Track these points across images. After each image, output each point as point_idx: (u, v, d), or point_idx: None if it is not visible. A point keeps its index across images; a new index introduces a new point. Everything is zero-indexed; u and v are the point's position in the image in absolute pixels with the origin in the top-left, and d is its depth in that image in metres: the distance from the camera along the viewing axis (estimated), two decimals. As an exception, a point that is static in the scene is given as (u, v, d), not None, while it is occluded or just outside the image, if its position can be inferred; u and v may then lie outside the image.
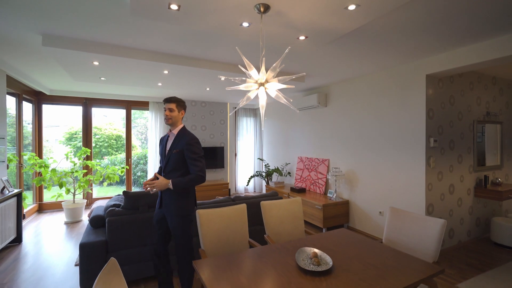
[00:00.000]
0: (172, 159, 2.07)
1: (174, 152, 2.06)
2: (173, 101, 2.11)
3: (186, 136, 2.10)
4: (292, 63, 3.41)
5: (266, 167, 6.30)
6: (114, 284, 1.10)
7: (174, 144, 2.09)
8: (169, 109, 2.10)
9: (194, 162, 2.04)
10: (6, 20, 2.25)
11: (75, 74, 3.59)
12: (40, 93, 5.15)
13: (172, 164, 2.07)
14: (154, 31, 2.43)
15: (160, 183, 1.97)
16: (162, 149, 2.19)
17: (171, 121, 2.12)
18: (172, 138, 2.15)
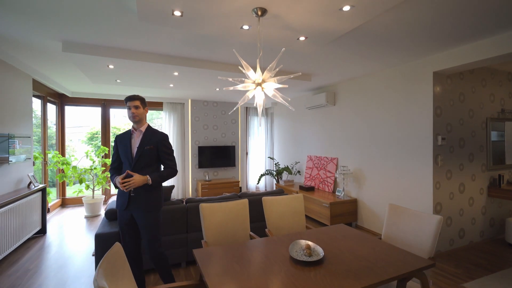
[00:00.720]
0: (144, 155, 2.05)
1: (147, 148, 2.05)
2: (137, 98, 2.10)
3: (157, 132, 2.15)
4: (298, 63, 3.47)
5: (276, 165, 6.38)
6: (118, 265, 1.23)
7: (145, 141, 2.08)
8: (135, 107, 2.08)
9: (169, 157, 2.12)
10: (30, 29, 2.48)
11: (93, 77, 3.84)
12: (63, 95, 5.51)
13: (145, 160, 2.05)
14: (162, 35, 2.58)
15: (138, 180, 1.94)
16: (125, 147, 2.11)
17: (138, 118, 2.09)
18: (139, 135, 2.12)
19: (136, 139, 2.11)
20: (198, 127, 6.48)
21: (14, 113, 3.60)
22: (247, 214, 2.34)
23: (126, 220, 2.10)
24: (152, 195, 2.08)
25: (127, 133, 2.17)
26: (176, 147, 6.24)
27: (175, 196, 6.26)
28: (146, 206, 2.04)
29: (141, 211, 2.04)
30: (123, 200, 2.06)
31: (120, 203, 2.09)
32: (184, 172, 6.36)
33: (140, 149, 2.06)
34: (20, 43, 2.80)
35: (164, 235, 2.84)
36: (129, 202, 2.04)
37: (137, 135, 2.12)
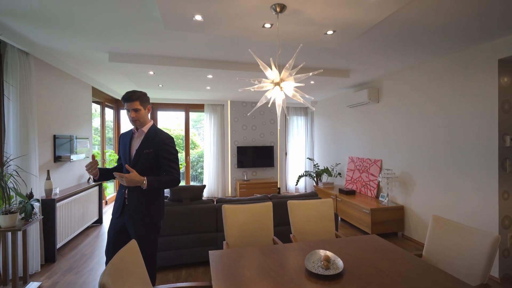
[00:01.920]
0: (141, 160, 1.76)
1: (145, 152, 1.76)
2: (135, 98, 1.74)
3: (160, 134, 1.84)
4: (334, 59, 3.26)
5: (315, 167, 6.14)
6: (129, 260, 1.30)
7: (144, 143, 1.79)
8: (134, 110, 1.75)
9: (171, 164, 1.80)
10: (84, 45, 2.81)
11: (138, 82, 4.20)
12: (118, 101, 6.17)
13: (141, 166, 1.75)
14: (192, 40, 2.67)
15: (132, 178, 1.62)
16: (124, 148, 1.85)
17: (139, 123, 1.80)
18: (140, 136, 1.83)
19: (137, 140, 1.83)
20: (237, 127, 6.61)
21: (77, 117, 4.14)
22: (271, 218, 2.27)
23: (116, 228, 1.81)
24: (150, 207, 1.78)
25: (129, 133, 1.90)
26: (216, 147, 6.46)
27: (214, 194, 6.49)
28: (140, 218, 1.75)
29: (133, 221, 1.75)
30: (117, 206, 1.82)
31: (114, 209, 1.84)
32: (224, 172, 6.55)
33: (138, 152, 1.77)
34: (78, 56, 3.21)
35: (194, 233, 2.94)
36: (123, 208, 1.78)
37: (138, 135, 1.85)
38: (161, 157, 1.79)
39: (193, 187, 3.10)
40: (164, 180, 1.76)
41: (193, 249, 2.92)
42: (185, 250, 2.90)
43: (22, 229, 2.32)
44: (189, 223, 2.92)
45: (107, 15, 2.12)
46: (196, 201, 3.06)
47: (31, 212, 2.40)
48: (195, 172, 9.40)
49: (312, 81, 4.21)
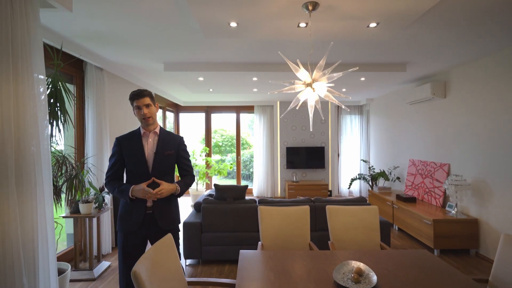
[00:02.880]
0: (164, 162, 1.74)
1: (167, 154, 1.75)
2: (146, 94, 1.71)
3: (174, 135, 1.87)
4: (384, 52, 2.97)
5: (370, 169, 5.67)
6: (164, 253, 1.44)
7: (163, 145, 1.76)
8: (146, 106, 1.70)
9: (188, 163, 1.87)
10: (144, 57, 3.21)
11: (191, 88, 4.56)
12: (178, 105, 6.79)
13: (165, 168, 1.75)
14: (234, 45, 2.78)
15: (168, 189, 1.65)
16: (135, 151, 1.73)
17: (152, 120, 1.74)
18: (154, 137, 1.78)
19: (150, 142, 1.76)
20: (287, 128, 6.57)
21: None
22: (307, 222, 2.21)
23: (137, 243, 1.72)
24: (176, 212, 1.82)
25: (134, 135, 1.78)
26: (266, 147, 6.55)
27: (264, 194, 6.59)
28: (171, 224, 1.76)
29: (161, 231, 1.70)
30: (135, 218, 1.68)
31: (129, 223, 1.69)
32: (273, 172, 6.59)
33: (159, 154, 1.73)
34: (140, 68, 3.66)
35: (237, 231, 3.05)
36: (144, 220, 1.70)
37: (151, 137, 1.77)
38: (180, 157, 1.83)
39: (237, 187, 3.21)
40: (188, 182, 1.82)
41: (237, 246, 3.03)
42: (229, 247, 3.03)
43: (96, 216, 2.78)
44: (232, 221, 3.05)
45: (158, 31, 2.37)
46: (239, 200, 3.16)
47: (102, 202, 2.85)
48: (247, 172, 9.72)
49: (363, 78, 3.91)
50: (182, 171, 1.87)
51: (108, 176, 1.75)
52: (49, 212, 1.70)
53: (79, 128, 3.17)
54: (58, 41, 2.49)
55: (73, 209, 2.75)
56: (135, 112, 1.73)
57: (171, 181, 1.77)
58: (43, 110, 1.70)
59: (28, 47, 1.60)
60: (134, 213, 1.69)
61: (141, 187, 1.62)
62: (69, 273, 2.24)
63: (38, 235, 1.59)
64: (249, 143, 10.18)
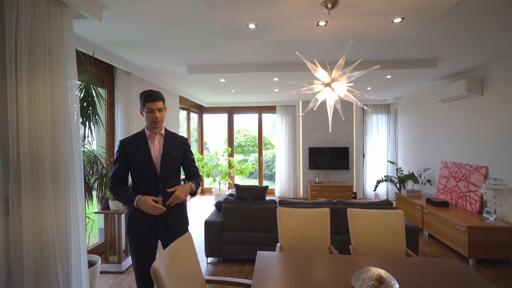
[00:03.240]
0: (172, 163, 1.74)
1: (174, 155, 1.74)
2: (160, 98, 1.70)
3: (179, 136, 1.85)
4: (411, 48, 2.81)
5: (398, 171, 5.40)
6: (183, 251, 1.48)
7: (169, 146, 1.74)
8: (158, 110, 1.68)
9: (194, 164, 1.86)
10: (168, 62, 3.33)
11: (214, 89, 4.66)
12: (201, 106, 6.97)
13: (173, 169, 1.75)
14: (253, 47, 2.79)
15: (183, 191, 1.65)
16: (141, 154, 1.68)
17: (160, 124, 1.72)
18: (159, 139, 1.75)
19: (156, 143, 1.73)
20: (309, 128, 6.47)
21: (167, 121, 4.91)
22: (327, 225, 2.16)
23: (151, 247, 1.73)
24: (185, 210, 1.81)
25: (139, 137, 1.73)
26: (288, 147, 6.51)
27: (286, 195, 6.54)
28: (183, 226, 1.77)
29: (172, 232, 1.69)
30: (145, 223, 1.65)
31: (140, 226, 1.67)
32: (295, 173, 6.53)
33: (166, 156, 1.71)
34: (165, 71, 3.81)
35: (257, 231, 3.06)
36: (155, 223, 1.67)
37: (156, 138, 1.74)
38: (186, 158, 1.82)
39: (257, 187, 3.23)
40: (198, 180, 1.81)
41: (256, 246, 3.04)
42: (249, 247, 3.06)
43: (124, 212, 2.93)
44: (252, 221, 3.06)
45: (181, 35, 2.46)
46: (259, 201, 3.17)
47: (129, 200, 3.00)
48: (270, 172, 9.71)
49: (388, 76, 3.74)
50: (188, 171, 1.84)
51: (112, 181, 1.69)
52: (81, 209, 1.83)
53: (109, 129, 3.37)
54: (90, 49, 2.67)
55: (103, 206, 2.93)
56: (145, 114, 1.68)
57: (178, 183, 1.77)
58: (76, 113, 1.84)
59: (63, 54, 1.73)
60: (143, 217, 1.64)
61: (148, 202, 1.57)
62: (99, 266, 2.39)
63: (71, 229, 1.72)
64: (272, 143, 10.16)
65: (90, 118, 2.43)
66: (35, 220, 1.53)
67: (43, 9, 1.61)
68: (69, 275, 1.70)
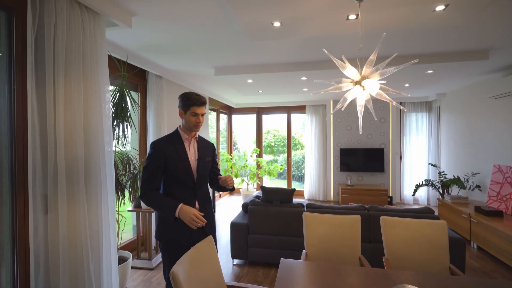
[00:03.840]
0: (205, 168, 1.73)
1: (207, 160, 1.74)
2: (205, 103, 1.68)
3: (208, 141, 1.85)
4: (457, 39, 2.52)
5: (441, 175, 4.93)
6: (204, 254, 1.47)
7: (202, 151, 1.74)
8: (202, 115, 1.67)
9: (217, 166, 1.89)
10: (196, 65, 3.40)
11: (241, 90, 4.66)
12: (230, 107, 7.04)
13: (205, 174, 1.75)
14: (280, 46, 2.72)
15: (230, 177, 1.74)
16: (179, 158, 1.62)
17: (199, 129, 1.71)
18: (193, 143, 1.73)
19: (192, 148, 1.71)
20: (340, 128, 6.19)
21: (197, 123, 5.03)
22: (358, 233, 2.01)
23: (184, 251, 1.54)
24: (212, 213, 1.81)
25: (175, 140, 1.67)
26: (317, 148, 6.30)
27: (316, 197, 6.34)
28: (210, 228, 1.74)
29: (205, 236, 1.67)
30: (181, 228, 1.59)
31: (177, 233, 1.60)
32: (325, 174, 6.30)
33: (201, 161, 1.70)
34: (194, 74, 3.90)
35: (284, 235, 2.98)
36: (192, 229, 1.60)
37: (192, 143, 1.71)
38: (213, 162, 1.84)
39: (284, 190, 3.14)
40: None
41: (283, 251, 2.97)
42: (275, 251, 2.99)
43: (155, 211, 3.04)
44: (278, 225, 2.99)
45: (208, 38, 2.48)
46: (285, 204, 3.09)
47: (159, 199, 3.11)
48: (300, 173, 9.52)
49: (430, 70, 3.40)
50: (213, 174, 1.85)
51: (146, 187, 1.57)
52: (111, 207, 1.92)
53: (142, 131, 3.53)
54: (124, 55, 2.81)
55: (135, 204, 3.07)
56: (186, 116, 1.61)
57: (207, 189, 1.76)
58: (107, 116, 1.93)
59: (96, 61, 1.83)
60: (181, 224, 1.57)
61: (193, 211, 1.50)
62: (130, 262, 2.50)
63: (102, 227, 1.81)
64: (301, 144, 9.95)
65: (123, 121, 2.55)
66: (69, 218, 1.63)
67: (78, 19, 1.71)
68: (100, 271, 1.79)
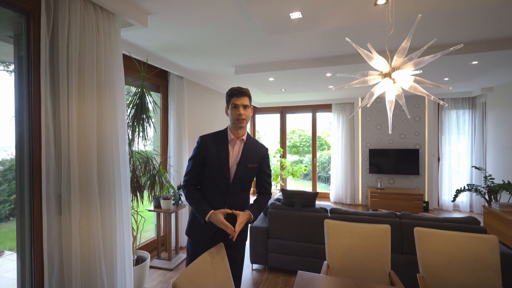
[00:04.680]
0: (245, 175, 1.52)
1: (250, 167, 1.52)
2: (247, 94, 1.49)
3: (259, 144, 1.61)
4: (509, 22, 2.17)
5: (487, 179, 4.39)
6: (213, 263, 1.37)
7: (247, 156, 1.52)
8: (243, 106, 1.47)
9: (268, 180, 1.63)
10: (217, 64, 3.35)
11: (264, 90, 4.54)
12: (254, 107, 6.93)
13: (245, 182, 1.54)
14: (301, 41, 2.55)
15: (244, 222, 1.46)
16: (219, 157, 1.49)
17: (245, 123, 1.50)
18: (239, 144, 1.54)
19: (236, 149, 1.53)
20: (370, 127, 5.81)
21: (221, 123, 5.00)
22: (387, 245, 1.79)
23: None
24: (247, 225, 1.61)
25: (221, 138, 1.54)
26: (344, 149, 5.98)
27: (342, 200, 6.02)
28: (242, 240, 1.59)
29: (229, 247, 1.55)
30: (207, 230, 1.51)
31: (201, 232, 1.54)
32: (353, 176, 5.96)
33: (242, 166, 1.51)
34: (214, 73, 3.86)
35: (305, 241, 2.81)
36: (216, 232, 1.51)
37: (237, 144, 1.54)
38: (262, 172, 1.60)
39: (306, 193, 2.96)
40: (262, 204, 1.58)
41: (304, 258, 2.80)
42: (296, 258, 2.83)
43: (174, 211, 3.04)
44: (300, 230, 2.82)
45: (227, 36, 2.40)
46: (307, 208, 2.91)
47: (178, 199, 3.10)
48: (326, 174, 9.16)
49: (474, 61, 3.00)
50: (260, 187, 1.64)
51: (187, 179, 1.54)
52: (126, 208, 1.90)
53: (163, 132, 3.55)
54: (144, 56, 2.83)
55: (155, 204, 3.08)
56: (230, 111, 1.49)
57: (246, 199, 1.59)
58: (122, 117, 1.91)
59: (110, 61, 1.81)
60: (206, 226, 1.49)
61: (220, 220, 1.41)
62: (148, 263, 2.50)
63: (116, 229, 1.79)
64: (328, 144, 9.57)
65: (143, 122, 2.55)
66: (82, 219, 1.62)
67: (92, 19, 1.70)
68: (114, 272, 1.77)
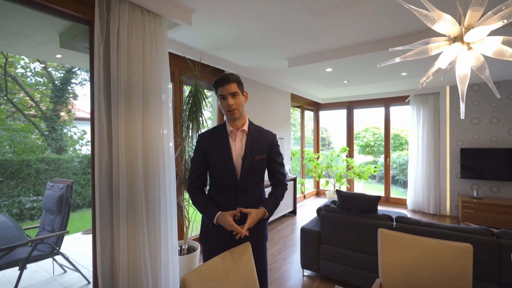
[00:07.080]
0: (254, 169, 1.39)
1: (257, 159, 1.38)
2: (233, 79, 1.33)
3: (265, 132, 1.46)
4: None
5: None
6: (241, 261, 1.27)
7: (251, 147, 1.38)
8: (232, 94, 1.32)
9: (281, 170, 1.47)
10: (272, 59, 3.28)
11: (324, 83, 4.21)
12: (317, 103, 6.57)
13: (256, 176, 1.41)
14: (356, 20, 2.21)
15: (256, 219, 1.33)
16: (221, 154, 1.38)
17: (238, 113, 1.35)
18: (240, 136, 1.40)
19: (238, 142, 1.41)
20: (462, 121, 4.73)
21: (278, 120, 4.91)
22: (468, 270, 1.34)
23: None
24: (265, 225, 1.49)
25: (220, 133, 1.42)
26: (426, 148, 5.04)
27: (423, 209, 5.08)
28: (256, 241, 1.42)
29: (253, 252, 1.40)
30: (220, 234, 1.38)
31: (214, 239, 1.42)
32: (438, 181, 4.96)
33: (248, 159, 1.37)
34: (267, 68, 3.76)
35: (359, 251, 2.44)
36: (230, 238, 1.37)
37: (238, 136, 1.41)
38: (272, 162, 1.46)
39: (365, 197, 2.57)
40: (278, 198, 1.45)
41: (360, 270, 2.43)
42: (350, 269, 2.48)
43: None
44: (356, 238, 2.47)
45: (276, 26, 2.30)
46: (367, 213, 2.51)
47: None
48: (405, 177, 7.97)
49: None
50: (273, 179, 1.50)
51: (190, 182, 1.44)
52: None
53: (219, 128, 3.67)
54: (197, 55, 2.96)
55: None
56: (220, 104, 1.37)
57: (260, 194, 1.46)
58: (167, 125, 1.98)
59: (156, 62, 1.93)
60: (218, 230, 1.36)
61: (229, 223, 1.28)
62: (198, 252, 2.60)
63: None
64: (408, 142, 8.32)
65: (197, 120, 2.65)
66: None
67: (139, 23, 1.84)
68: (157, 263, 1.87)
